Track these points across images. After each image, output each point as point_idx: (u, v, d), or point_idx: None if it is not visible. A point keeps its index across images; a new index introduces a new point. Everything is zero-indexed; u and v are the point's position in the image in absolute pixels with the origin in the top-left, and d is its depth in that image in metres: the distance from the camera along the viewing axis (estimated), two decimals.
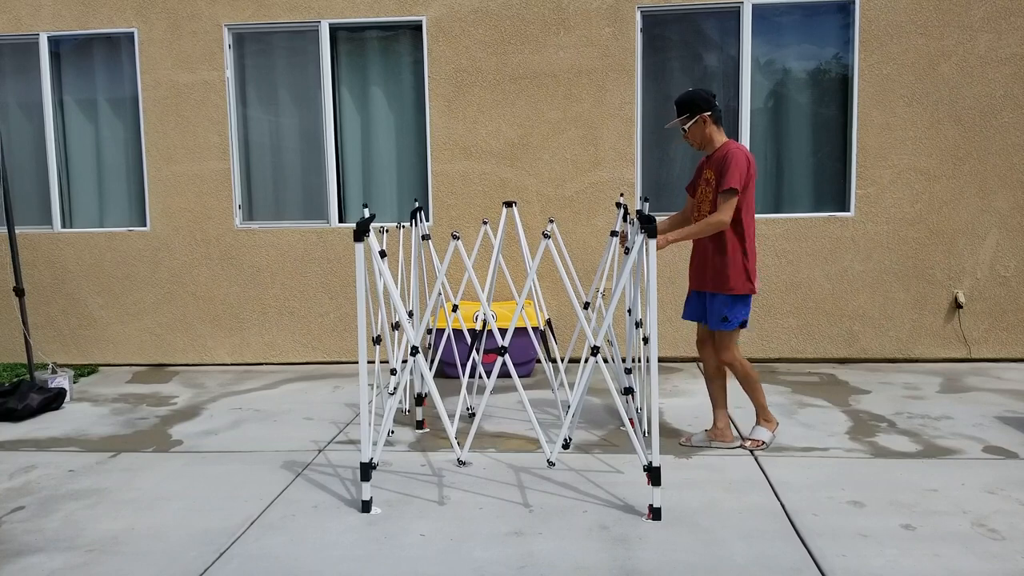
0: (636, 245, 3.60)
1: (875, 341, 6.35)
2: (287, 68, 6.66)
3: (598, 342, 3.64)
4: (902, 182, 6.22)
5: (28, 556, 3.22)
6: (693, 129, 4.16)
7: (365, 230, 3.42)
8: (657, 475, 3.44)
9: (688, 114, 4.14)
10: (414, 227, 4.62)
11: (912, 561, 3.02)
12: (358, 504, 3.65)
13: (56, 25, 6.63)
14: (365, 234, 3.43)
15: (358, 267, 3.42)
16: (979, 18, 6.05)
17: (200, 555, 3.19)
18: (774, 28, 6.29)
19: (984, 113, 6.12)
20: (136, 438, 4.78)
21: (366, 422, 3.55)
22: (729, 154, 4.02)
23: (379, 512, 3.56)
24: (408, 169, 6.68)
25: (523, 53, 6.34)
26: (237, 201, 6.67)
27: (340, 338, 6.68)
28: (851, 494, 3.67)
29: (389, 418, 3.97)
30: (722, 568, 3.00)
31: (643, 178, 6.43)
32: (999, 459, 4.10)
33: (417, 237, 4.68)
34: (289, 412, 5.27)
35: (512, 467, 4.10)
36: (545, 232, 3.70)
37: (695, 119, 4.13)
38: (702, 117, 4.12)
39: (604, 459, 4.19)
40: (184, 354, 6.81)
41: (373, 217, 3.66)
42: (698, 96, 4.13)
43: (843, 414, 4.96)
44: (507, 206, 4.42)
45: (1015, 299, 6.25)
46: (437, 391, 3.98)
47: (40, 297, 6.79)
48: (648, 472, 3.46)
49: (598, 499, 3.66)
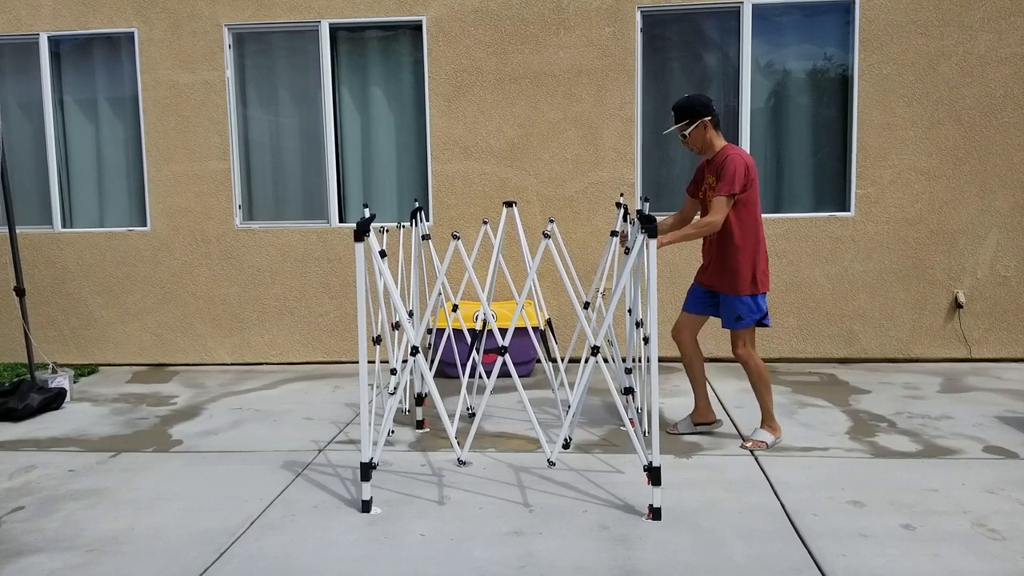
0: (636, 245, 3.61)
1: (875, 341, 6.35)
2: (287, 68, 6.66)
3: (598, 342, 3.65)
4: (902, 182, 6.22)
5: (28, 556, 3.23)
6: (694, 134, 4.19)
7: (365, 230, 3.42)
8: (657, 475, 3.44)
9: (688, 120, 4.17)
10: (414, 227, 4.62)
11: (912, 561, 3.02)
12: (358, 504, 3.65)
13: (56, 25, 6.63)
14: (365, 234, 3.44)
15: (358, 267, 3.42)
16: (979, 18, 6.05)
17: (200, 555, 3.19)
18: (774, 28, 6.29)
19: (984, 113, 6.12)
20: (136, 438, 4.79)
21: (366, 422, 3.55)
22: (728, 159, 4.07)
23: (379, 512, 3.56)
24: (408, 169, 6.68)
25: (523, 53, 6.34)
26: (237, 201, 6.67)
27: (340, 338, 6.68)
28: (851, 494, 3.67)
29: (389, 418, 3.98)
30: (722, 568, 3.00)
31: (643, 178, 6.43)
32: (999, 459, 4.10)
33: (417, 237, 4.69)
34: (289, 412, 5.27)
35: (512, 467, 4.10)
36: (545, 232, 3.71)
37: (695, 124, 4.16)
38: (702, 122, 4.15)
39: (604, 459, 4.19)
40: (184, 354, 6.81)
41: (373, 217, 3.66)
42: (697, 101, 4.16)
43: (843, 414, 4.96)
44: (507, 206, 4.43)
45: (1015, 299, 6.25)
46: (437, 391, 3.98)
47: (40, 297, 6.79)
48: (648, 472, 3.47)
49: (598, 499, 3.66)
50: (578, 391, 3.85)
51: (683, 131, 4.20)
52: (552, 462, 3.82)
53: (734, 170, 4.02)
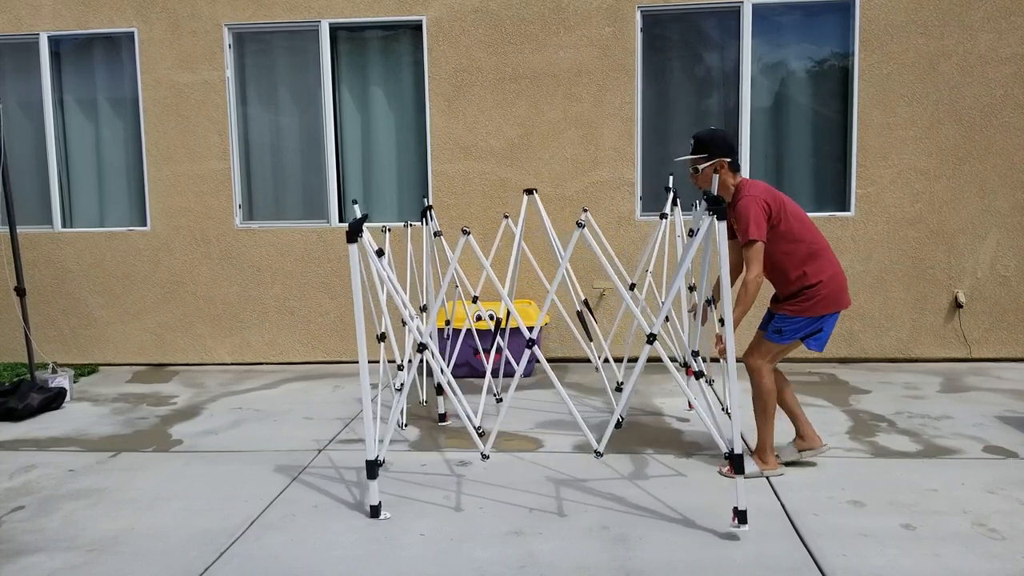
0: (703, 227, 3.35)
1: (875, 341, 6.35)
2: (287, 68, 6.66)
3: (655, 329, 3.42)
4: (902, 182, 6.22)
5: (28, 556, 3.23)
6: (706, 172, 3.85)
7: (358, 231, 3.36)
8: (740, 463, 3.21)
9: (706, 155, 3.84)
10: (425, 225, 4.65)
11: (912, 561, 3.02)
12: (359, 504, 3.65)
13: (56, 25, 6.63)
14: (358, 235, 3.36)
15: (352, 267, 3.39)
16: (979, 18, 6.05)
17: (200, 555, 3.19)
18: (774, 28, 6.29)
19: (984, 113, 6.12)
20: (136, 438, 4.78)
21: (370, 418, 3.52)
22: (740, 205, 3.75)
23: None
24: (408, 169, 6.68)
25: (523, 53, 6.34)
26: (237, 201, 6.67)
27: (340, 338, 6.68)
28: (851, 494, 3.67)
29: (394, 416, 3.96)
30: (722, 568, 3.00)
31: (643, 178, 6.42)
32: (999, 459, 4.10)
33: (429, 235, 4.71)
34: (289, 412, 5.27)
35: (512, 467, 4.09)
36: (579, 221, 3.52)
37: (711, 162, 3.83)
38: (720, 162, 3.83)
39: (604, 459, 4.19)
40: (184, 354, 6.81)
41: (366, 217, 3.60)
42: (721, 139, 3.86)
43: (843, 414, 4.96)
44: (527, 193, 4.37)
45: (1015, 299, 6.24)
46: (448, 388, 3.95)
47: (40, 297, 6.79)
48: (730, 460, 3.27)
49: (598, 499, 3.66)
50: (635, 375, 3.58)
51: (696, 164, 3.88)
52: (600, 452, 3.60)
53: (748, 216, 3.70)
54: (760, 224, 3.70)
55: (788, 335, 3.85)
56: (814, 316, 3.80)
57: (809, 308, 3.79)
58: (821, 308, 3.80)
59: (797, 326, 3.83)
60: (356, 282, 3.41)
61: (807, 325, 3.82)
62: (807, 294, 3.79)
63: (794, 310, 3.82)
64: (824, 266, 3.81)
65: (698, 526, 3.36)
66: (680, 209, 4.91)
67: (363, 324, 3.46)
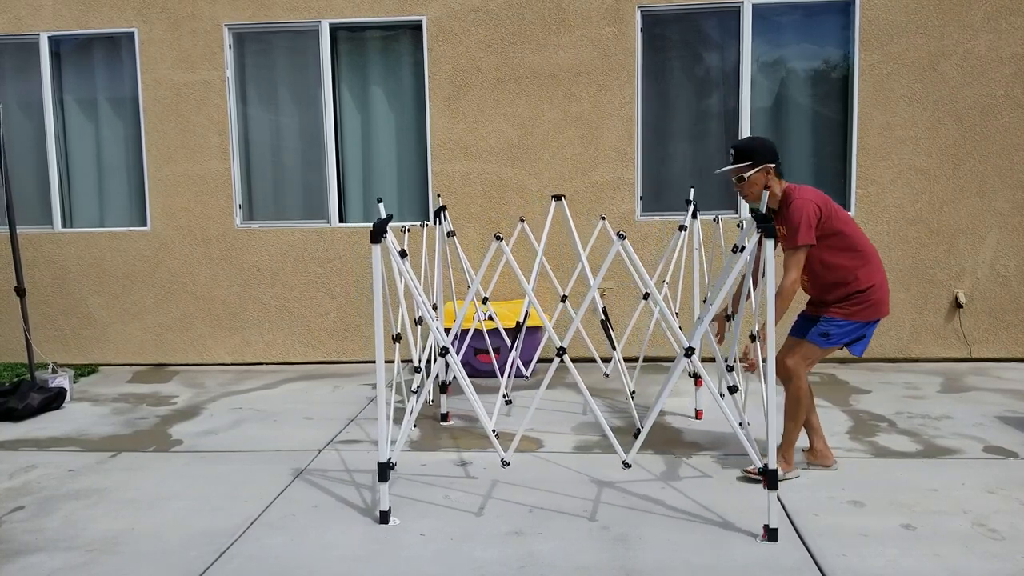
0: (750, 244, 3.31)
1: (875, 341, 6.34)
2: (287, 68, 6.66)
3: (694, 343, 3.40)
4: (902, 182, 6.22)
5: (28, 556, 3.23)
6: (754, 178, 3.77)
7: (383, 231, 3.28)
8: (773, 478, 3.18)
9: (751, 162, 3.77)
10: (438, 225, 4.64)
11: (912, 561, 3.02)
12: (359, 504, 3.65)
13: (56, 25, 6.63)
14: (383, 235, 3.28)
15: (375, 268, 3.34)
16: (979, 18, 6.05)
17: (200, 555, 3.19)
18: (774, 28, 6.29)
19: (984, 113, 6.12)
20: (136, 438, 4.78)
21: (383, 419, 3.45)
22: (791, 207, 3.69)
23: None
24: (408, 169, 6.67)
25: (523, 53, 6.34)
26: (237, 201, 6.67)
27: (340, 338, 6.68)
28: (851, 494, 3.67)
29: (408, 419, 3.93)
30: (722, 567, 3.00)
31: (643, 178, 6.42)
32: (999, 459, 4.10)
33: (442, 234, 4.73)
34: (289, 412, 5.27)
35: (513, 467, 4.09)
36: (620, 233, 3.51)
37: (758, 168, 3.76)
38: (766, 167, 3.76)
39: (604, 459, 4.19)
40: (184, 354, 6.81)
41: (391, 217, 3.53)
42: (763, 145, 3.81)
43: (843, 414, 4.96)
44: (556, 199, 4.38)
45: (1015, 299, 6.24)
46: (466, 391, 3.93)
47: (40, 297, 6.79)
48: (764, 476, 3.23)
49: (598, 499, 3.66)
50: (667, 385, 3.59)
51: (742, 172, 3.79)
52: (627, 463, 3.53)
53: (800, 220, 3.62)
54: (811, 229, 3.65)
55: (835, 339, 3.80)
56: (863, 321, 3.78)
57: (858, 312, 3.76)
58: (872, 313, 3.78)
59: (846, 330, 3.78)
60: (377, 283, 3.36)
61: (856, 330, 3.80)
62: (858, 298, 3.76)
63: (844, 313, 3.77)
64: (874, 271, 3.79)
65: (698, 526, 3.36)
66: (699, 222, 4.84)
67: (382, 325, 3.38)
